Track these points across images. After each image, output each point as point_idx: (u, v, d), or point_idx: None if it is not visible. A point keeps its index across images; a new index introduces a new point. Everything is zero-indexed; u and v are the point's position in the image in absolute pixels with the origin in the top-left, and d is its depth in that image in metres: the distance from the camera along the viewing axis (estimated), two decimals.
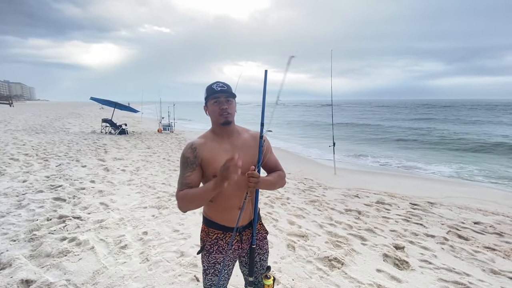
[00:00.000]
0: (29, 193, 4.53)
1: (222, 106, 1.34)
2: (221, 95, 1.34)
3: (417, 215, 4.36)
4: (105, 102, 15.45)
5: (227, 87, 1.36)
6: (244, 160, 1.34)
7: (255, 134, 1.47)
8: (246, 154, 1.38)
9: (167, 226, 3.62)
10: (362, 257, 3.04)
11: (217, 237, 1.45)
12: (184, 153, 1.37)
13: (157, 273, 2.61)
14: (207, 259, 1.46)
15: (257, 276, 1.54)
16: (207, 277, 1.47)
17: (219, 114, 1.35)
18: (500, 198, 5.47)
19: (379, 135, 18.26)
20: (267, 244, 1.59)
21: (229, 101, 1.37)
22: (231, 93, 1.37)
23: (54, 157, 7.45)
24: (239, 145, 1.41)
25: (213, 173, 1.35)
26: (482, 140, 14.62)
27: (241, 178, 1.34)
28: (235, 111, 1.42)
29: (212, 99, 1.36)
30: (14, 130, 12.82)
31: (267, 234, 1.59)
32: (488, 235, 3.68)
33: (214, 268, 1.45)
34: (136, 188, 5.16)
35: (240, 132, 1.48)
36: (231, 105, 1.37)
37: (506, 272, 2.81)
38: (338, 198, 5.14)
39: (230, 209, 1.40)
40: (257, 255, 1.52)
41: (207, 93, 1.37)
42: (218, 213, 1.44)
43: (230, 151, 1.38)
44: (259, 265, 1.54)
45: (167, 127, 15.94)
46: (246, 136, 1.47)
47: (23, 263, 2.62)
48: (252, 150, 1.41)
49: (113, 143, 10.60)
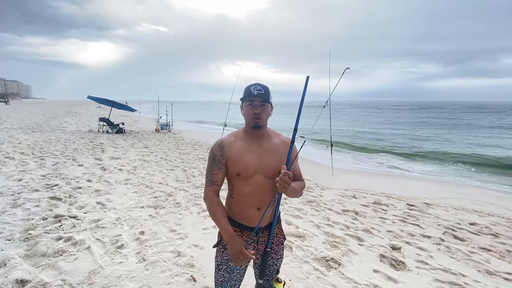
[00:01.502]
0: (24, 192, 4.49)
1: (256, 110, 1.36)
2: (257, 99, 1.35)
3: (414, 215, 4.38)
4: (103, 101, 15.36)
5: (264, 91, 1.35)
6: (270, 164, 1.38)
7: (286, 140, 1.49)
8: (273, 159, 1.40)
9: (164, 226, 3.60)
10: (359, 257, 3.05)
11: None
12: (213, 149, 1.42)
13: (153, 273, 2.60)
14: (221, 254, 1.48)
15: (268, 280, 1.54)
16: (220, 272, 1.49)
17: (252, 117, 1.37)
18: (496, 199, 5.52)
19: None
20: (283, 250, 1.58)
21: (264, 106, 1.37)
22: (267, 98, 1.36)
23: (50, 156, 7.40)
24: (267, 149, 1.42)
25: (236, 171, 1.37)
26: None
27: (263, 180, 1.38)
28: (270, 115, 1.44)
29: (247, 101, 1.37)
30: (10, 129, 12.71)
31: (284, 240, 1.58)
32: (483, 236, 3.71)
33: (227, 265, 1.47)
34: (133, 188, 5.14)
35: (271, 136, 1.49)
36: (265, 110, 1.38)
37: (501, 272, 2.83)
38: (336, 199, 5.15)
39: (249, 208, 1.42)
40: (270, 259, 1.51)
41: (244, 94, 1.38)
42: (237, 211, 1.46)
43: (257, 152, 1.40)
44: (272, 269, 1.54)
45: (164, 127, 15.91)
46: (276, 140, 1.47)
47: (18, 263, 2.59)
48: (280, 155, 1.42)
49: (110, 142, 10.54)
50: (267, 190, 1.40)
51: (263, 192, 1.39)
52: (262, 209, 1.42)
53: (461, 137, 18.19)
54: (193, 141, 12.20)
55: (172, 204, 4.42)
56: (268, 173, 1.39)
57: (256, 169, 1.37)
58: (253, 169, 1.37)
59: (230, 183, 1.46)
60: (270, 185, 1.41)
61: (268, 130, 1.48)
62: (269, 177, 1.39)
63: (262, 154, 1.40)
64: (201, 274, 2.62)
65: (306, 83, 1.36)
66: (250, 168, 1.36)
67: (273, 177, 1.42)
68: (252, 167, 1.37)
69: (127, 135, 13.03)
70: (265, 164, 1.38)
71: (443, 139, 17.32)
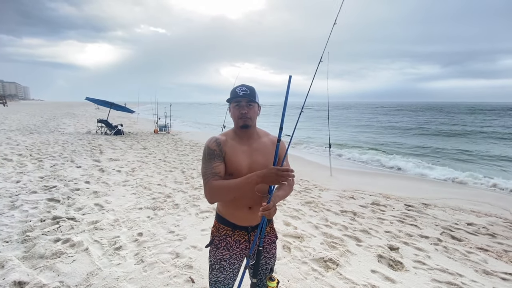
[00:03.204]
0: (22, 194, 4.48)
1: (242, 110, 1.38)
2: (243, 99, 1.37)
3: (412, 216, 4.40)
4: (101, 102, 15.35)
5: (250, 91, 1.38)
6: (260, 163, 1.40)
7: (274, 139, 1.50)
8: (263, 158, 1.42)
9: (162, 228, 3.60)
10: (357, 258, 3.06)
11: (226, 233, 1.48)
12: (210, 145, 1.40)
13: (152, 274, 2.60)
14: (214, 254, 1.49)
15: (261, 278, 1.55)
16: (213, 272, 1.50)
17: (239, 117, 1.39)
18: (493, 200, 5.54)
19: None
20: (275, 249, 1.60)
21: (250, 106, 1.39)
22: (253, 98, 1.38)
23: (48, 157, 7.38)
24: (257, 148, 1.44)
25: (229, 172, 1.39)
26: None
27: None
28: (258, 114, 1.46)
29: (234, 102, 1.40)
30: (7, 130, 12.67)
31: (276, 239, 1.60)
32: (481, 236, 3.73)
33: (220, 264, 1.48)
34: (131, 189, 5.13)
35: (261, 135, 1.51)
36: (252, 110, 1.40)
37: (498, 272, 2.85)
38: (334, 200, 5.16)
39: (241, 208, 1.44)
40: (263, 258, 1.53)
41: (230, 96, 1.41)
42: (229, 211, 1.48)
43: (248, 152, 1.42)
44: (264, 268, 1.55)
45: (163, 128, 15.90)
46: (265, 140, 1.50)
47: (16, 265, 2.59)
48: (270, 154, 1.44)
49: (108, 143, 10.52)
50: (258, 189, 1.41)
51: (254, 192, 1.40)
52: (253, 208, 1.44)
53: (483, 149, 13.52)
54: (191, 142, 12.20)
55: (170, 205, 4.41)
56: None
57: (247, 169, 1.39)
58: (245, 170, 1.39)
59: None
60: (261, 184, 1.41)
61: (257, 129, 1.51)
62: None
63: (253, 154, 1.42)
64: (199, 275, 2.62)
65: (289, 83, 1.37)
66: (242, 168, 1.38)
67: None
68: (244, 167, 1.39)
69: (126, 137, 13.01)
70: (256, 164, 1.40)
71: (463, 153, 12.38)
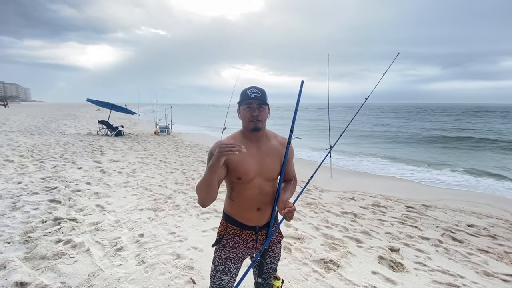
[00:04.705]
0: (24, 195, 4.49)
1: (254, 112, 1.36)
2: (254, 101, 1.36)
3: (412, 217, 4.40)
4: (102, 104, 15.38)
5: (261, 93, 1.36)
6: (269, 167, 1.40)
7: (283, 141, 1.50)
8: (272, 161, 1.42)
9: (163, 229, 3.61)
10: (358, 259, 3.06)
11: (234, 232, 1.48)
12: (212, 150, 1.38)
13: (153, 275, 2.61)
14: (220, 254, 1.48)
15: (266, 278, 1.57)
16: (217, 274, 1.47)
17: (250, 120, 1.37)
18: (494, 201, 5.54)
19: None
20: (280, 248, 1.61)
21: (261, 108, 1.37)
22: (264, 100, 1.37)
23: (49, 158, 7.40)
24: (266, 151, 1.43)
25: (237, 176, 1.37)
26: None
27: (263, 183, 1.40)
28: (267, 117, 1.44)
29: (245, 104, 1.37)
30: (9, 132, 12.70)
31: (282, 238, 1.61)
32: (481, 238, 3.73)
33: (225, 265, 1.46)
34: (132, 190, 5.14)
35: (270, 137, 1.50)
36: (263, 112, 1.38)
37: (499, 274, 2.85)
38: (334, 201, 5.17)
39: (250, 209, 1.44)
40: (268, 257, 1.53)
41: (241, 98, 1.39)
42: (237, 211, 1.47)
43: (257, 155, 1.40)
44: (269, 267, 1.56)
45: (164, 129, 15.92)
46: (274, 142, 1.49)
47: (17, 265, 2.60)
48: (279, 157, 1.44)
49: (109, 145, 10.54)
50: (267, 192, 1.43)
51: (263, 194, 1.42)
52: (262, 209, 1.44)
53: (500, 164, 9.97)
54: (192, 143, 12.22)
55: (171, 206, 4.42)
56: (268, 176, 1.41)
57: (256, 172, 1.38)
58: (254, 173, 1.38)
59: (230, 186, 1.47)
60: (270, 187, 1.44)
61: (266, 131, 1.49)
62: (269, 180, 1.42)
63: (261, 157, 1.41)
64: (200, 276, 2.62)
65: (301, 88, 1.38)
66: (250, 172, 1.37)
67: (273, 180, 1.45)
68: (252, 171, 1.38)
69: (126, 138, 13.03)
70: (265, 167, 1.40)
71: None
